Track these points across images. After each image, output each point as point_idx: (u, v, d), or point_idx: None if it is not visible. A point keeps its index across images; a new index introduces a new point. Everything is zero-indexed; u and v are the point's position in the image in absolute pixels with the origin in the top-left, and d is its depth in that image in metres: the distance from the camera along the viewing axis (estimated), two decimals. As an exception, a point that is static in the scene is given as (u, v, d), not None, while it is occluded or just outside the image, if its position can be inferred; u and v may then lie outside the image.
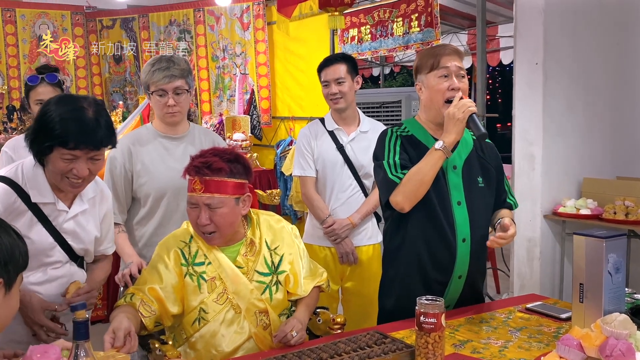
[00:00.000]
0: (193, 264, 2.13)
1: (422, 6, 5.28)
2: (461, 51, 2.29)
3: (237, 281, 2.12)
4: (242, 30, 7.12)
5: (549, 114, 4.11)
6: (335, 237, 3.14)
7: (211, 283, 2.11)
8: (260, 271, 2.17)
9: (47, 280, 2.03)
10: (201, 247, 2.15)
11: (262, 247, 2.20)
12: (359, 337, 1.91)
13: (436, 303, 1.72)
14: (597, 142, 4.33)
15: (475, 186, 2.29)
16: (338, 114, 3.19)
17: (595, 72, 4.28)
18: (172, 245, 2.16)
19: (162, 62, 2.59)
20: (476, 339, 1.99)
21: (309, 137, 3.21)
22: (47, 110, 1.89)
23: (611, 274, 1.86)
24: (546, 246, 4.22)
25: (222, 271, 2.12)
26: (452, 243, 2.23)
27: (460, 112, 2.14)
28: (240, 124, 6.61)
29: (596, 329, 1.67)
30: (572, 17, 4.17)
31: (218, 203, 2.05)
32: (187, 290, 2.10)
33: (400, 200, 2.20)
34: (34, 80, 3.05)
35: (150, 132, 2.69)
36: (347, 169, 3.16)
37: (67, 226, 2.05)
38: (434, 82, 2.24)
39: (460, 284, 2.29)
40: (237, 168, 2.09)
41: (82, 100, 1.93)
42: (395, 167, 2.22)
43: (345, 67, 3.13)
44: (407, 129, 2.34)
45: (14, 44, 7.44)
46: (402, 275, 2.32)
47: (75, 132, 1.85)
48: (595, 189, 4.18)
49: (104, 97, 7.78)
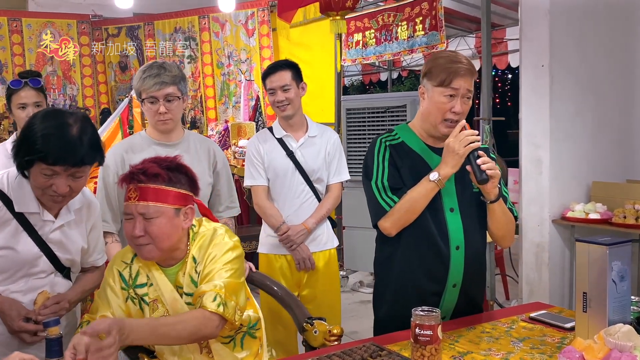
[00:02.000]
0: (134, 286, 1.97)
1: (426, 9, 5.24)
2: (475, 70, 2.21)
3: (175, 306, 1.93)
4: (247, 37, 7.11)
5: (555, 117, 4.05)
6: (290, 244, 3.10)
7: (153, 305, 1.96)
8: (187, 292, 1.96)
9: (28, 289, 1.99)
10: (142, 267, 1.98)
11: (188, 264, 1.97)
12: (354, 350, 1.85)
13: (432, 314, 1.66)
14: (606, 145, 4.26)
15: (468, 192, 2.22)
16: (285, 121, 3.17)
17: (602, 74, 4.21)
18: (114, 267, 2.02)
19: (153, 69, 2.55)
20: (476, 350, 1.92)
21: (258, 146, 3.17)
22: (32, 124, 1.86)
23: (615, 282, 1.79)
24: (555, 252, 4.14)
25: (162, 294, 1.94)
26: (444, 251, 2.17)
27: (461, 148, 2.06)
28: (246, 131, 6.58)
29: (599, 340, 1.61)
30: (578, 19, 4.12)
31: (154, 212, 1.85)
32: (132, 314, 1.98)
33: (389, 227, 2.17)
34: (16, 84, 3.00)
35: (143, 139, 2.65)
36: (299, 175, 3.13)
37: (53, 236, 2.01)
38: (438, 99, 2.16)
39: (455, 293, 2.23)
40: (178, 177, 1.92)
41: (68, 116, 1.88)
42: (385, 191, 2.17)
43: (290, 73, 3.11)
44: (398, 136, 2.27)
45: (20, 54, 7.47)
46: (394, 285, 2.26)
47: (55, 148, 1.81)
48: (604, 193, 4.10)
49: (109, 105, 7.80)
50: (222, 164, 2.79)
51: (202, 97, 7.50)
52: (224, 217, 2.83)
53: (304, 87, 3.17)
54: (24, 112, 3.00)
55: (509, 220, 2.26)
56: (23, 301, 1.98)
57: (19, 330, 1.94)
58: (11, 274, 1.96)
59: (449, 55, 2.21)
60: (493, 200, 2.17)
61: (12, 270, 1.96)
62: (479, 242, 2.24)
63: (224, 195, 2.83)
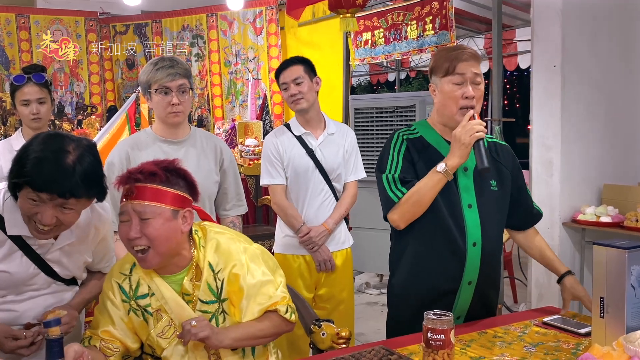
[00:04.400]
0: (135, 297, 1.91)
1: (436, 9, 5.18)
2: (479, 55, 2.19)
3: (182, 314, 1.89)
4: (255, 35, 7.07)
5: (567, 119, 4.01)
6: (312, 245, 3.07)
7: (157, 315, 1.91)
8: (203, 299, 1.92)
9: (24, 299, 1.90)
10: (143, 277, 1.91)
11: (205, 271, 1.92)
12: (363, 354, 1.81)
13: (445, 318, 1.61)
14: (618, 147, 4.21)
15: (487, 189, 2.19)
16: (302, 116, 3.14)
17: (615, 75, 4.17)
18: (112, 279, 1.95)
19: (165, 61, 2.55)
20: (489, 355, 1.87)
21: (276, 144, 3.13)
22: (30, 145, 1.73)
23: (634, 287, 1.73)
24: (565, 255, 4.09)
25: (165, 303, 1.89)
26: (461, 247, 2.14)
27: (467, 137, 2.04)
28: (253, 130, 6.54)
29: (618, 347, 1.55)
30: (590, 20, 4.07)
31: (150, 212, 1.79)
32: (135, 326, 1.93)
33: (397, 219, 2.16)
34: (20, 79, 2.94)
35: (149, 136, 2.61)
36: (319, 174, 3.10)
37: (52, 256, 1.90)
38: (448, 88, 2.14)
39: (470, 291, 2.19)
40: (176, 179, 1.86)
41: (70, 143, 1.73)
42: (395, 183, 2.14)
43: (302, 67, 3.09)
44: (417, 130, 2.26)
45: (27, 50, 7.44)
46: (406, 283, 2.23)
47: (43, 174, 1.67)
48: (615, 196, 4.05)
49: (116, 102, 7.76)
50: (229, 162, 2.75)
51: (209, 96, 7.46)
52: (231, 216, 2.80)
53: (318, 82, 3.14)
54: (27, 108, 2.95)
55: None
56: (17, 310, 1.88)
57: (13, 350, 1.81)
58: (6, 293, 1.85)
59: (451, 47, 2.25)
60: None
61: (7, 290, 1.84)
62: (496, 240, 2.22)
63: (231, 193, 2.79)
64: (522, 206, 2.34)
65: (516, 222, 2.37)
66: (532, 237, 2.39)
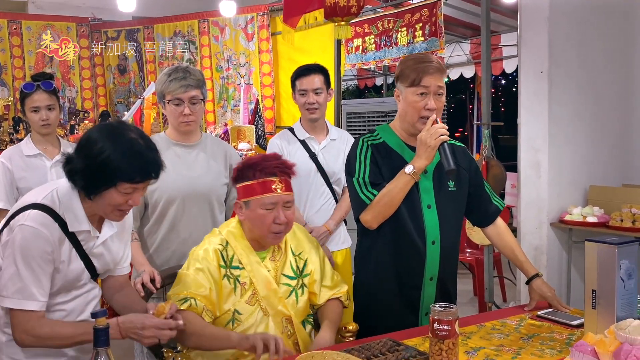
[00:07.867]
0: (231, 267, 2.17)
1: (426, 16, 5.32)
2: (444, 68, 2.31)
3: (269, 287, 2.17)
4: (247, 41, 7.16)
5: (554, 122, 4.12)
6: None
7: (243, 288, 2.16)
8: (287, 274, 2.23)
9: (71, 298, 1.97)
10: (236, 253, 2.19)
11: (287, 252, 2.27)
12: (371, 345, 1.92)
13: (450, 310, 1.73)
14: (603, 150, 4.33)
15: (445, 190, 2.33)
16: (311, 123, 3.25)
17: (601, 79, 4.28)
18: (210, 247, 2.18)
19: (179, 72, 2.63)
20: (488, 346, 1.99)
21: (282, 147, 3.24)
22: (102, 150, 1.80)
23: (623, 280, 1.86)
24: (553, 254, 4.21)
25: (254, 275, 2.16)
26: (420, 246, 2.27)
27: (432, 140, 2.16)
28: (246, 134, 6.62)
29: (610, 335, 1.67)
30: (577, 25, 4.18)
31: (292, 201, 2.17)
32: (223, 293, 2.13)
33: (369, 219, 2.28)
34: (29, 87, 3.03)
35: (163, 140, 2.71)
36: (320, 177, 3.22)
37: (96, 250, 1.99)
38: (412, 99, 2.26)
39: (433, 287, 2.33)
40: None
41: (127, 131, 1.87)
42: (366, 186, 2.27)
43: (322, 78, 3.20)
44: (380, 136, 2.38)
45: (19, 56, 7.47)
46: (373, 277, 2.38)
47: (140, 167, 1.83)
48: (601, 197, 4.18)
49: (108, 107, 7.81)
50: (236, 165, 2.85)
51: (201, 101, 7.53)
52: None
53: (330, 94, 3.27)
54: (37, 115, 3.04)
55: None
56: (66, 309, 1.95)
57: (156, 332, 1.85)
58: (59, 291, 1.93)
59: (418, 57, 2.34)
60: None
61: (62, 288, 1.93)
62: (454, 238, 2.37)
63: None
64: (482, 203, 2.47)
65: (477, 218, 2.52)
66: (504, 234, 2.49)
